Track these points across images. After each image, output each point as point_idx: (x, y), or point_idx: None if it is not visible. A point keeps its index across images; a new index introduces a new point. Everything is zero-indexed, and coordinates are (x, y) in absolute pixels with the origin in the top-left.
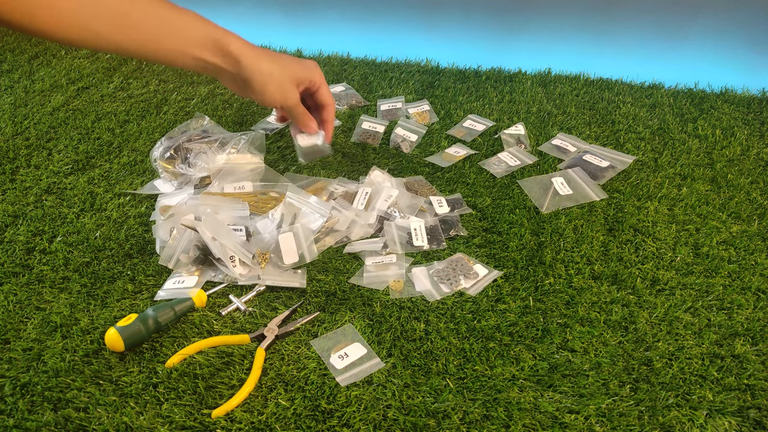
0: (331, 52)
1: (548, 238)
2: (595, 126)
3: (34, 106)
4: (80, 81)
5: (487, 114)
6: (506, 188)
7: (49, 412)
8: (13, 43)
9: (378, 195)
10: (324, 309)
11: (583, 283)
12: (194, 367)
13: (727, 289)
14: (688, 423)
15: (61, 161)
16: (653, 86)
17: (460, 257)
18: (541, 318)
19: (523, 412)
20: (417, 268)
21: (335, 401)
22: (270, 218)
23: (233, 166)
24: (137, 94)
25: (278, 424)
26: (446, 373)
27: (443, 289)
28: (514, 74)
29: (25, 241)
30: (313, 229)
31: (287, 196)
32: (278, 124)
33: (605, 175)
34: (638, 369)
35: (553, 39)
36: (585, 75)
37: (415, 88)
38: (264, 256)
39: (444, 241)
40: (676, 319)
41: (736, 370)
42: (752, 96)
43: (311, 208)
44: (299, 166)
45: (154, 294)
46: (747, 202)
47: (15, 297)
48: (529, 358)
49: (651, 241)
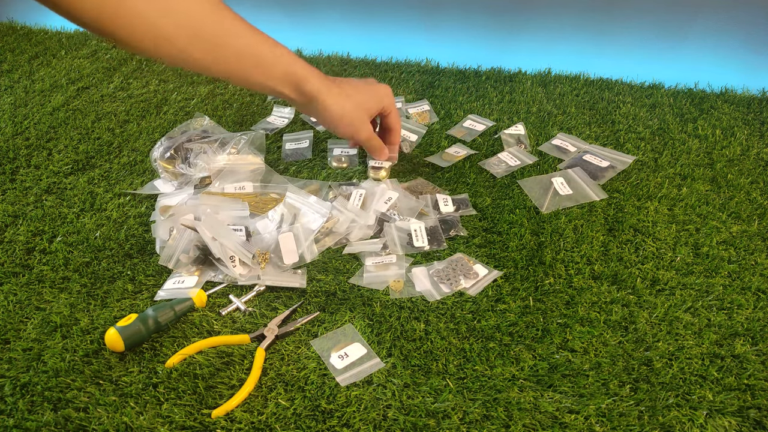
0: (331, 52)
1: (548, 238)
2: (595, 126)
3: (34, 106)
4: (80, 81)
5: (487, 114)
6: (506, 188)
7: (49, 412)
8: (13, 43)
9: (373, 197)
10: (324, 309)
11: (583, 283)
12: (194, 367)
13: (727, 289)
14: (688, 423)
15: (61, 161)
16: (653, 86)
17: (460, 257)
18: (541, 318)
19: (523, 412)
20: (417, 268)
21: (335, 401)
22: (270, 218)
23: (234, 167)
24: (137, 94)
25: (278, 424)
26: (446, 373)
27: (443, 289)
28: (514, 74)
29: (25, 241)
30: (313, 229)
31: (287, 197)
32: (277, 124)
33: (605, 175)
34: (638, 369)
35: (553, 39)
36: (585, 75)
37: (415, 88)
38: (264, 256)
39: (444, 241)
40: (676, 319)
41: (736, 370)
42: (752, 96)
43: (311, 208)
44: (299, 165)
45: (154, 294)
46: (747, 202)
47: (15, 297)
48: (529, 358)
49: (651, 241)
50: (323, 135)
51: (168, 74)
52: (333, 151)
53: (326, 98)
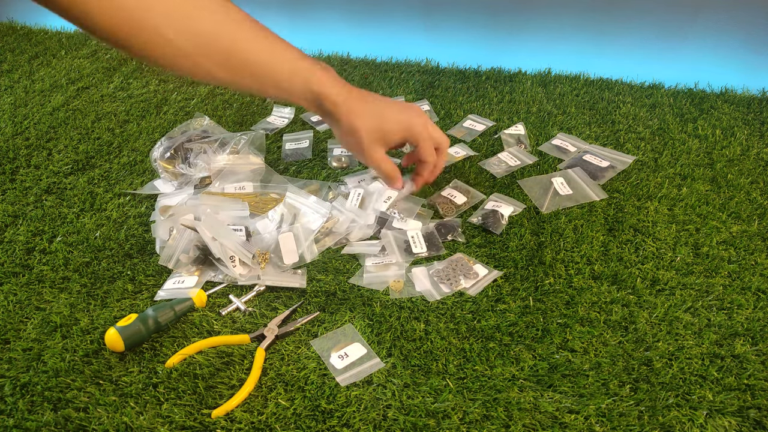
0: (331, 52)
1: (548, 238)
2: (595, 126)
3: (34, 106)
4: (80, 81)
5: (487, 114)
6: (506, 188)
7: (49, 412)
8: (13, 43)
9: (371, 196)
10: (324, 309)
11: (583, 283)
12: (194, 367)
13: (727, 289)
14: (688, 423)
15: (61, 161)
16: (653, 86)
17: (459, 257)
18: (541, 318)
19: (523, 412)
20: (417, 268)
21: (335, 401)
22: (270, 218)
23: (234, 167)
24: (137, 94)
25: (278, 424)
26: (446, 373)
27: (443, 289)
28: (514, 74)
29: (25, 241)
30: (313, 229)
31: (287, 196)
32: (277, 124)
33: (605, 175)
34: (638, 369)
35: (553, 39)
36: (585, 75)
37: (415, 88)
38: (264, 256)
39: (442, 246)
40: (676, 319)
41: (736, 370)
42: (752, 96)
43: (311, 208)
44: (299, 165)
45: (154, 294)
46: (747, 202)
47: (15, 297)
48: (529, 358)
49: (651, 241)
50: (323, 135)
51: (168, 74)
52: (333, 151)
53: (341, 116)
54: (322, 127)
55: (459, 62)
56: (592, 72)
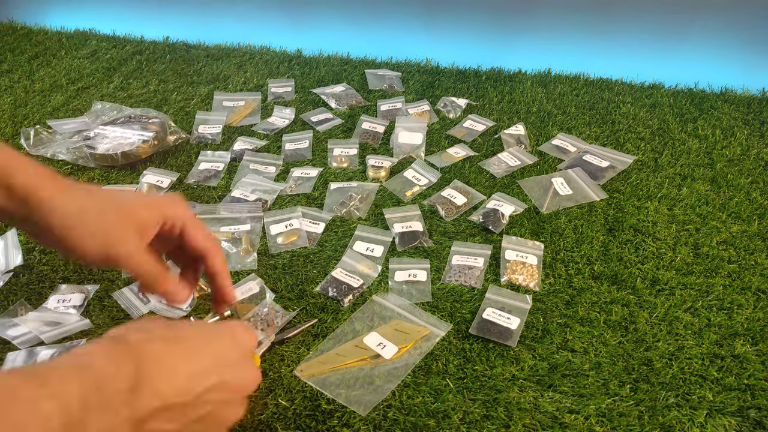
0: (331, 52)
1: (548, 238)
2: (595, 126)
3: (34, 106)
4: (80, 81)
5: (487, 114)
6: (506, 188)
7: None
8: (13, 43)
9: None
10: (324, 309)
11: (583, 283)
12: None
13: (727, 289)
14: (688, 423)
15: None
16: (653, 86)
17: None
18: (541, 318)
19: (523, 412)
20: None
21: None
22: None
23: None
24: (137, 94)
25: (278, 424)
26: (446, 373)
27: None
28: (514, 74)
29: (25, 241)
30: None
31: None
32: (277, 125)
33: (605, 175)
34: (638, 369)
35: (553, 39)
36: (585, 75)
37: (415, 88)
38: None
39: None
40: (676, 319)
41: (736, 370)
42: (752, 96)
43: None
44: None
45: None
46: (747, 202)
47: (15, 297)
48: (529, 358)
49: (651, 241)
50: (323, 135)
51: (168, 74)
52: (333, 151)
53: (51, 194)
54: (323, 127)
55: (459, 62)
56: (592, 72)
